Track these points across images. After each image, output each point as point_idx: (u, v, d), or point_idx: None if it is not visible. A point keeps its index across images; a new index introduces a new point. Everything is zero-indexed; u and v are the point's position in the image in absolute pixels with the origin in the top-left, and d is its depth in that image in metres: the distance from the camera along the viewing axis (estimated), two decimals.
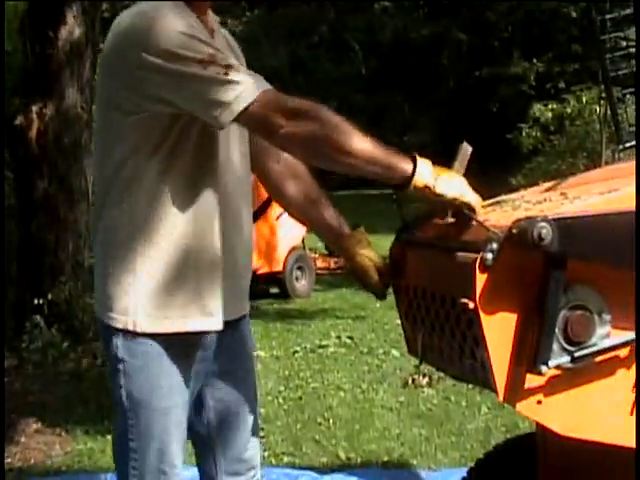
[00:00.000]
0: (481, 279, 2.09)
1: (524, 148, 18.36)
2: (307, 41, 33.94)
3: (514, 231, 2.06)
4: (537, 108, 18.42)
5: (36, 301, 8.27)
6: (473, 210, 2.36)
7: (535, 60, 27.53)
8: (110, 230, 2.58)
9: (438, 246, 2.37)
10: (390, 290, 2.68)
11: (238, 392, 2.81)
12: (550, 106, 18.29)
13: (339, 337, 9.55)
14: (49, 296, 8.30)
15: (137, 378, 2.56)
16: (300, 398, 7.03)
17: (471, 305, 2.10)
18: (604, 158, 11.43)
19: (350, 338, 9.45)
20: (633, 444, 2.22)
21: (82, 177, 8.76)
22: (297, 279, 12.95)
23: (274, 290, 12.86)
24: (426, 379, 6.95)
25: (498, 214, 2.37)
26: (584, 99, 17.08)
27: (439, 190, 2.37)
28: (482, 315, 2.10)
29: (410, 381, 7.01)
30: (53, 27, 8.61)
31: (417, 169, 2.37)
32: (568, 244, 2.06)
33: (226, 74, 2.36)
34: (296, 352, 8.89)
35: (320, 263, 14.04)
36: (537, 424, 2.47)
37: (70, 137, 8.68)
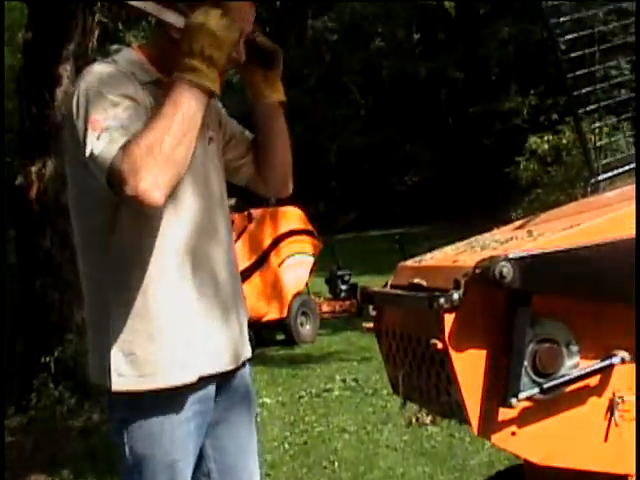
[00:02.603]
0: (449, 319, 2.18)
1: (523, 181, 18.43)
2: (304, 85, 34.16)
3: (477, 271, 2.15)
4: (533, 140, 18.51)
5: (43, 359, 8.34)
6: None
7: (532, 91, 27.73)
8: (87, 295, 2.69)
9: (409, 289, 2.46)
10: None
11: (238, 441, 2.86)
12: (546, 138, 18.38)
13: (344, 380, 9.62)
14: (55, 354, 8.38)
15: (138, 434, 2.61)
16: (305, 443, 7.09)
17: (440, 345, 2.19)
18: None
19: (355, 381, 9.52)
20: (607, 469, 2.30)
21: None
22: (302, 324, 13.03)
23: (280, 336, 12.92)
24: (430, 417, 6.97)
25: (468, 255, 2.47)
26: (582, 127, 17.11)
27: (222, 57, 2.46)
28: (452, 354, 2.19)
29: (414, 420, 7.04)
30: (48, 87, 8.74)
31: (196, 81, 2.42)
32: (530, 281, 2.14)
33: (98, 137, 2.40)
34: (301, 397, 8.95)
35: (325, 307, 14.13)
36: None
37: None
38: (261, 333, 12.54)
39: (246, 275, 11.44)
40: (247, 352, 2.86)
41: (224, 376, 2.75)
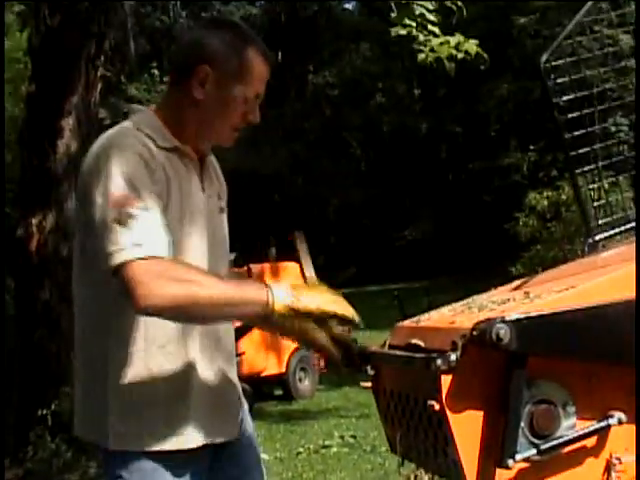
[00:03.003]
0: (446, 380, 2.19)
1: (522, 237, 18.50)
2: (305, 140, 34.32)
3: (474, 333, 2.17)
4: (532, 196, 18.61)
5: (39, 412, 8.32)
6: (345, 318, 2.50)
7: (532, 147, 27.88)
8: (83, 348, 2.70)
9: (408, 350, 2.47)
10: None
11: None
12: (545, 194, 18.47)
13: (342, 437, 9.59)
14: (52, 406, 8.36)
15: None
16: None
17: (437, 406, 2.19)
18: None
19: (353, 437, 9.49)
20: None
21: None
22: (300, 380, 12.99)
23: (278, 392, 12.89)
24: (428, 474, 6.93)
25: (465, 316, 2.48)
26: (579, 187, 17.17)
27: (303, 308, 2.45)
28: (449, 415, 2.19)
29: (412, 477, 6.99)
30: (50, 140, 8.80)
31: (273, 293, 2.44)
32: (526, 343, 2.15)
33: (122, 222, 2.42)
34: (299, 453, 8.92)
35: (323, 363, 14.08)
36: None
37: (70, 248, 8.81)
38: (259, 388, 12.51)
39: (245, 330, 11.43)
40: (245, 410, 2.89)
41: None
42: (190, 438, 2.63)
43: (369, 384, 2.78)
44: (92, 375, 2.67)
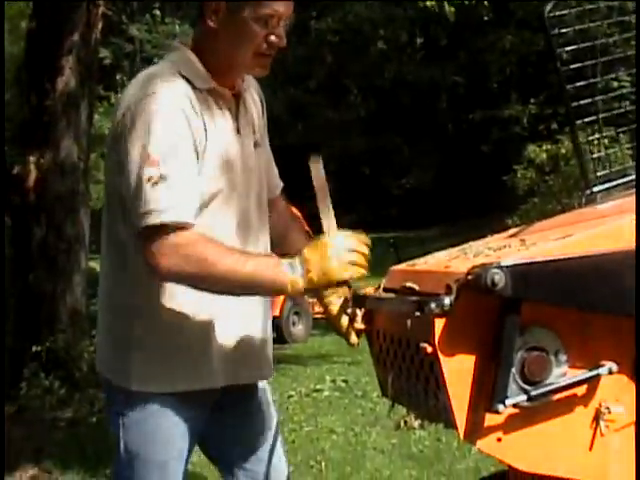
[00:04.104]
0: (439, 324, 2.19)
1: (520, 189, 18.45)
2: (305, 86, 34.14)
3: (469, 277, 2.17)
4: (532, 149, 18.54)
5: (34, 349, 8.36)
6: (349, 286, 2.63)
7: (533, 100, 27.75)
8: (112, 293, 2.74)
9: (402, 293, 2.48)
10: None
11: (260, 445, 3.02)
12: (545, 147, 18.40)
13: (334, 381, 9.65)
14: (47, 344, 8.40)
15: (135, 431, 2.67)
16: (293, 442, 7.11)
17: (430, 349, 2.20)
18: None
19: (345, 382, 9.55)
20: (591, 478, 2.32)
21: (79, 226, 8.88)
22: (294, 324, 13.04)
23: None
24: (418, 420, 6.97)
25: (460, 261, 2.48)
26: (578, 139, 17.13)
27: (317, 284, 2.57)
28: (441, 358, 2.20)
29: (402, 423, 7.03)
30: (50, 78, 8.76)
31: (288, 275, 2.51)
32: (521, 289, 2.16)
33: (155, 183, 2.44)
34: (291, 397, 8.98)
35: (317, 307, 14.12)
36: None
37: (67, 186, 8.82)
38: None
39: None
40: (263, 373, 2.94)
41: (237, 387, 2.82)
42: (209, 380, 2.69)
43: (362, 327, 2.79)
44: (116, 317, 2.72)
